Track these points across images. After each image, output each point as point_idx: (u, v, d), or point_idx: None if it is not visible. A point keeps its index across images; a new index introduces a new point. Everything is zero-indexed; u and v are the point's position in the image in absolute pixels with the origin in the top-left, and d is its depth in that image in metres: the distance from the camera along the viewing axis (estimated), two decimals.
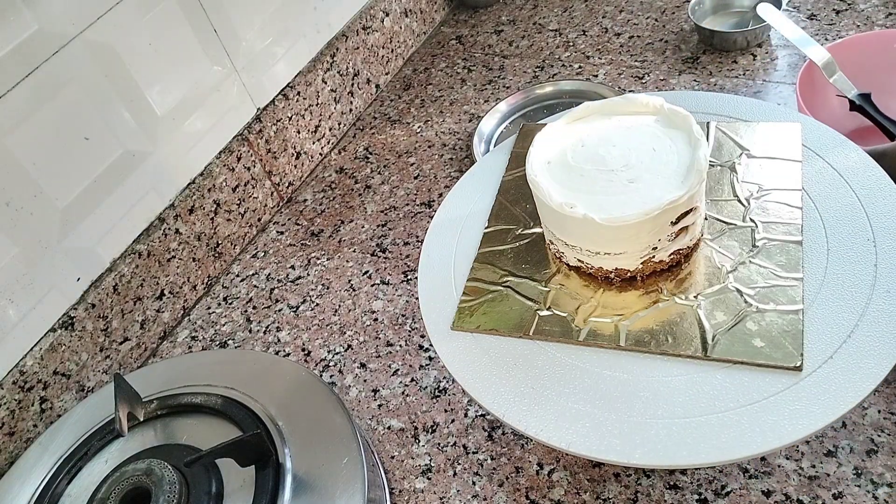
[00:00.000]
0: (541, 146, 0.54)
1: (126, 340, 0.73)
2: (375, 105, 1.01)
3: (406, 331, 0.70)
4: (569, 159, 0.52)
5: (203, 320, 0.78)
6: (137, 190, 0.73)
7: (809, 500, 0.50)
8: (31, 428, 0.65)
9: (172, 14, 0.72)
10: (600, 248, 0.49)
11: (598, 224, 0.46)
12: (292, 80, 0.88)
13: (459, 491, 0.56)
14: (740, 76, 0.84)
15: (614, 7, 1.02)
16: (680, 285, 0.50)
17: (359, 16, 0.97)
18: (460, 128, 0.92)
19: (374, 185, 0.88)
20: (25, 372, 0.64)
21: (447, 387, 0.64)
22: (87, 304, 0.69)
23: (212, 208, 0.80)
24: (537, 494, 0.55)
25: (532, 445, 0.58)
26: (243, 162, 0.83)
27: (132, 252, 0.73)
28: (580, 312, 0.50)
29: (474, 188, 0.63)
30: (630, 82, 0.88)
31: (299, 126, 0.90)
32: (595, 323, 0.49)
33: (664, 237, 0.48)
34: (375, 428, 0.63)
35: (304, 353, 0.71)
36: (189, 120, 0.76)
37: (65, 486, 0.54)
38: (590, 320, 0.50)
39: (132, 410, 0.55)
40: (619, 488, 0.53)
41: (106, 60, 0.67)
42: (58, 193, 0.65)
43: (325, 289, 0.77)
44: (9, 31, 0.59)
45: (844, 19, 0.86)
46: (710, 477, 0.53)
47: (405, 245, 0.78)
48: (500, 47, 1.03)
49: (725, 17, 0.92)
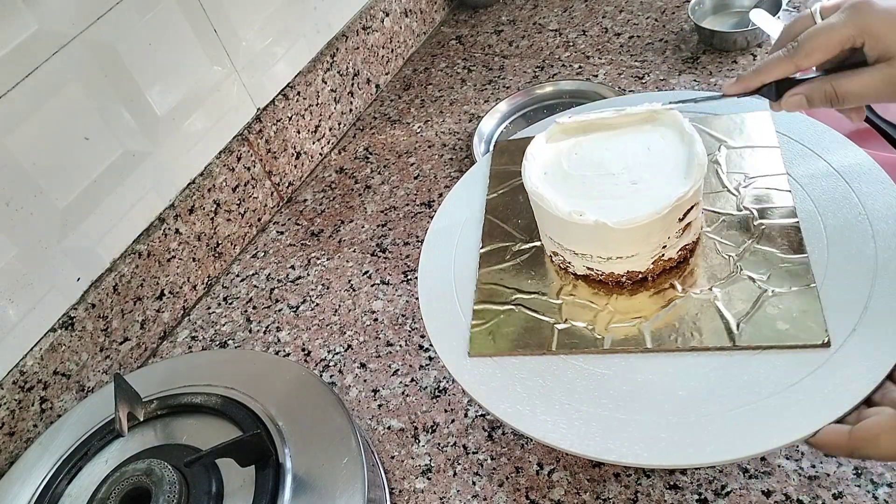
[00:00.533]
0: (534, 158, 0.53)
1: (126, 340, 0.73)
2: (375, 105, 1.01)
3: (406, 331, 0.70)
4: (566, 168, 0.52)
5: (203, 320, 0.78)
6: (137, 190, 0.73)
7: (809, 500, 0.50)
8: (31, 428, 0.65)
9: (172, 14, 0.72)
10: (612, 253, 0.49)
11: (611, 228, 0.46)
12: (292, 80, 0.89)
13: (459, 491, 0.56)
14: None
15: (614, 7, 1.02)
16: (690, 280, 0.50)
17: (359, 16, 0.97)
18: (460, 128, 0.92)
19: (374, 185, 0.88)
20: (25, 372, 0.64)
21: (447, 387, 0.64)
22: (87, 304, 0.69)
23: (212, 208, 0.80)
24: (537, 494, 0.55)
25: (532, 445, 0.58)
26: (243, 162, 0.83)
27: (132, 252, 0.73)
28: (599, 321, 0.50)
29: (475, 189, 0.63)
30: (630, 82, 0.88)
31: (299, 126, 0.90)
32: (617, 329, 0.49)
33: (673, 234, 0.48)
34: (375, 428, 0.63)
35: (304, 353, 0.71)
36: (189, 120, 0.76)
37: (65, 486, 0.54)
38: (610, 327, 0.49)
39: (132, 410, 0.55)
40: (619, 488, 0.53)
41: (106, 60, 0.67)
42: (58, 193, 0.65)
43: (325, 289, 0.77)
44: (9, 31, 0.59)
45: None
46: (710, 477, 0.53)
47: (405, 245, 0.78)
48: (500, 47, 1.03)
49: (725, 17, 0.92)
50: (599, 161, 0.51)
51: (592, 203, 0.48)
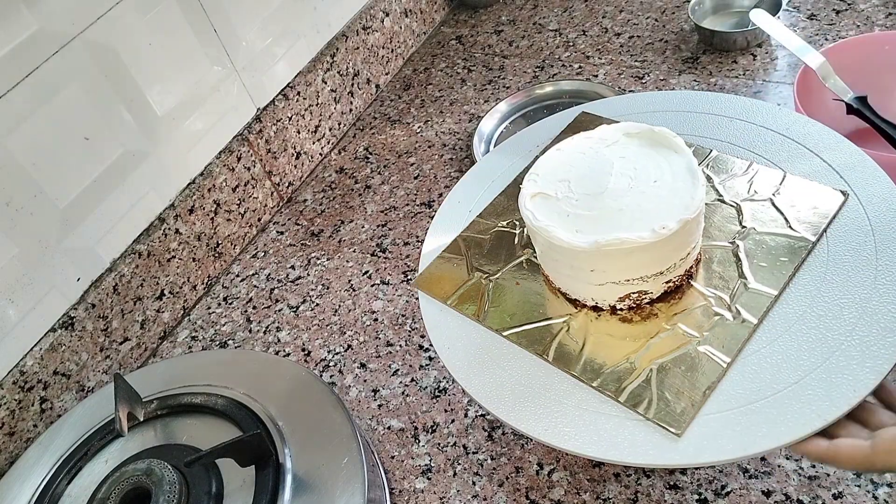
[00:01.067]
0: (532, 209, 0.50)
1: (126, 340, 0.73)
2: (375, 105, 1.01)
3: (406, 331, 0.70)
4: (568, 206, 0.50)
5: (203, 320, 0.78)
6: (137, 190, 0.73)
7: (809, 500, 0.50)
8: (32, 428, 0.65)
9: (172, 14, 0.72)
10: (662, 266, 0.48)
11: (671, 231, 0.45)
12: (292, 80, 0.89)
13: (459, 491, 0.56)
14: (740, 76, 0.84)
15: (614, 7, 1.02)
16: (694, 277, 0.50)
17: (359, 16, 0.97)
18: (460, 128, 0.92)
19: (374, 185, 0.88)
20: (25, 372, 0.64)
21: (447, 387, 0.64)
22: (87, 304, 0.69)
23: (212, 208, 0.80)
24: (537, 494, 0.55)
25: (532, 445, 0.58)
26: (243, 162, 0.83)
27: (132, 252, 0.73)
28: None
29: (475, 189, 0.63)
30: (630, 82, 0.88)
31: (299, 126, 0.90)
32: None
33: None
34: (375, 428, 0.63)
35: (304, 353, 0.71)
36: (189, 120, 0.76)
37: (65, 486, 0.54)
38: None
39: (132, 410, 0.55)
40: (619, 488, 0.53)
41: (106, 60, 0.67)
42: (58, 193, 0.65)
43: (325, 289, 0.77)
44: (9, 31, 0.59)
45: (844, 19, 0.86)
46: (710, 477, 0.53)
47: (405, 245, 0.78)
48: (500, 47, 1.03)
49: (725, 17, 0.92)
50: (605, 186, 0.50)
51: (627, 225, 0.47)
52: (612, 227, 0.46)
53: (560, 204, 0.50)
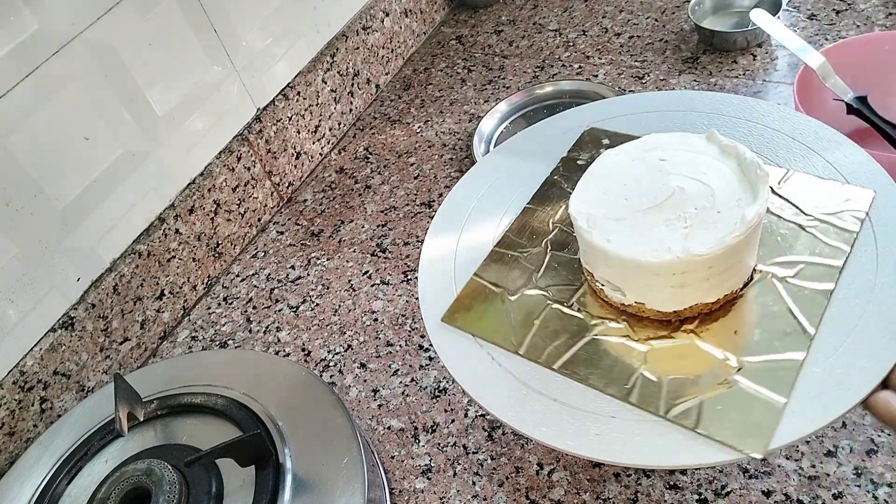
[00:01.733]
0: (589, 229, 0.48)
1: (126, 340, 0.73)
2: (375, 105, 1.01)
3: (406, 331, 0.70)
4: (633, 219, 0.48)
5: (203, 320, 0.78)
6: (137, 190, 0.73)
7: (809, 500, 0.50)
8: (31, 428, 0.65)
9: (172, 14, 0.72)
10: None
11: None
12: (292, 80, 0.89)
13: (459, 491, 0.56)
14: (740, 76, 0.84)
15: (614, 7, 1.02)
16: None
17: (359, 16, 0.97)
18: (460, 128, 0.92)
19: (374, 185, 0.88)
20: (25, 372, 0.64)
21: (447, 387, 0.64)
22: (87, 304, 0.69)
23: (212, 208, 0.80)
24: (537, 494, 0.55)
25: (532, 445, 0.58)
26: (243, 162, 0.83)
27: (132, 252, 0.73)
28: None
29: (475, 189, 0.63)
30: (630, 82, 0.88)
31: (299, 126, 0.90)
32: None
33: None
34: (375, 428, 0.63)
35: (304, 353, 0.71)
36: (189, 120, 0.76)
37: (65, 486, 0.54)
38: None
39: (132, 410, 0.55)
40: (619, 488, 0.53)
41: (106, 60, 0.67)
42: (58, 193, 0.65)
43: (325, 289, 0.77)
44: (9, 31, 0.59)
45: (844, 19, 0.86)
46: (710, 477, 0.53)
47: (405, 245, 0.78)
48: (500, 47, 1.03)
49: (725, 17, 0.93)
50: (669, 195, 0.48)
51: (701, 231, 0.46)
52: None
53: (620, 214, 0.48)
